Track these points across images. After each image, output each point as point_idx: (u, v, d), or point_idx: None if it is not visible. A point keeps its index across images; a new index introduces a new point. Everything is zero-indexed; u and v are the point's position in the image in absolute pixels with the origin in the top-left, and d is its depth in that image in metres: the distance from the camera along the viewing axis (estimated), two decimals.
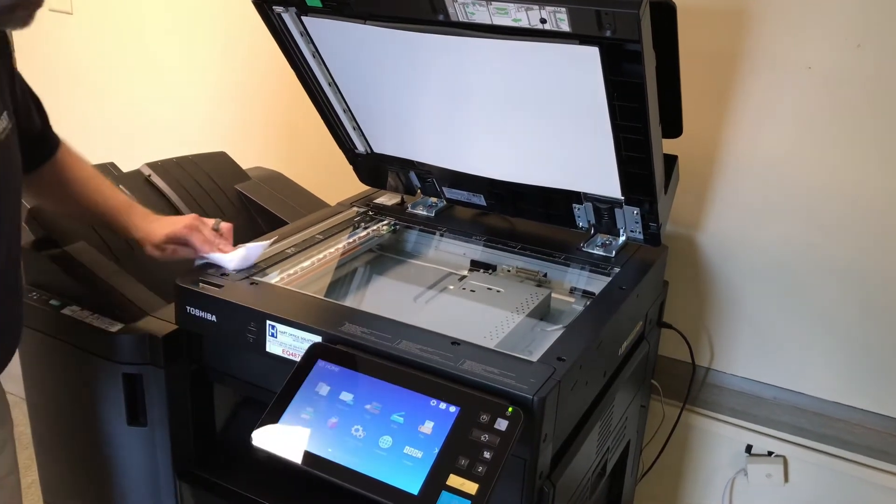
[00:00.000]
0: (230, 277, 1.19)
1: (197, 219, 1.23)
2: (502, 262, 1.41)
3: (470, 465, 0.89)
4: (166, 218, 1.25)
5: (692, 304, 1.60)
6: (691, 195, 1.52)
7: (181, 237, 1.21)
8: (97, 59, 2.36)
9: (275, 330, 1.08)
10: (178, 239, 1.21)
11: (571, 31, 1.03)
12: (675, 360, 1.62)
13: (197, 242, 1.21)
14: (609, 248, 1.36)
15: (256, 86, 2.07)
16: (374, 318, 1.09)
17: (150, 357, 1.18)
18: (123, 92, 2.35)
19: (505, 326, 1.19)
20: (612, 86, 1.09)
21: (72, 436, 1.32)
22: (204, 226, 1.23)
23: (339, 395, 0.98)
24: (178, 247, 1.22)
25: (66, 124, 1.30)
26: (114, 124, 2.37)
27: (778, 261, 1.50)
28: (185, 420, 1.23)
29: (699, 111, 1.42)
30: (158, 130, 2.31)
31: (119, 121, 2.37)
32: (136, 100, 2.33)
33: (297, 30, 1.30)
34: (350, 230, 1.46)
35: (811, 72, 1.37)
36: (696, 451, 1.70)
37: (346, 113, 1.45)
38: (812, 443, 1.56)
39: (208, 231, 1.22)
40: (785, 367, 1.56)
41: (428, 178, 1.52)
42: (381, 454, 0.92)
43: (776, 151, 1.44)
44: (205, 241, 1.21)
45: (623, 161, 1.21)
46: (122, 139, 2.36)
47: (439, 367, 0.98)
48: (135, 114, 2.34)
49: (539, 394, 0.92)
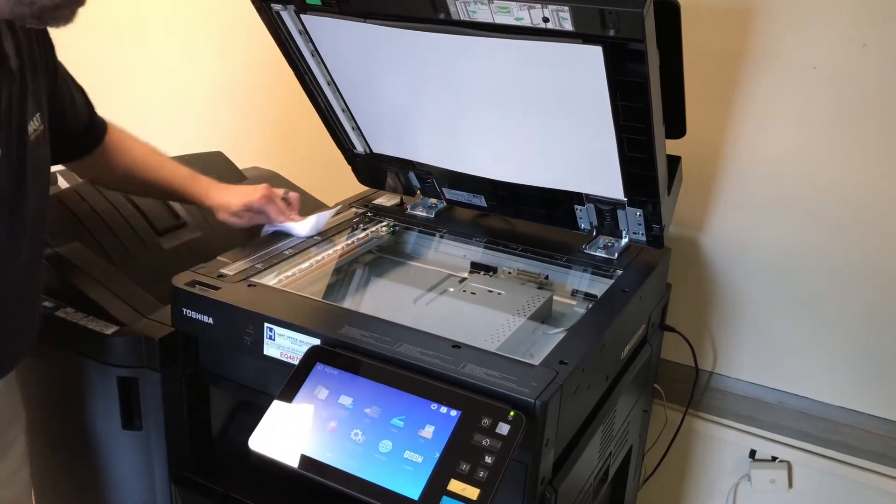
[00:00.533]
0: (228, 279, 1.19)
1: (269, 189, 1.34)
2: (503, 264, 1.41)
3: (471, 469, 0.89)
4: (239, 187, 1.35)
5: (695, 307, 1.60)
6: (695, 196, 1.53)
7: (257, 207, 1.32)
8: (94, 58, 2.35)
9: (273, 332, 1.08)
10: (255, 208, 1.32)
11: (574, 31, 1.04)
12: (678, 363, 1.63)
13: (272, 212, 1.33)
14: (611, 250, 1.36)
15: (254, 85, 2.07)
16: (374, 321, 1.09)
17: (146, 360, 1.18)
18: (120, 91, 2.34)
19: (506, 329, 1.19)
20: (616, 85, 1.09)
21: (65, 440, 1.32)
22: (276, 196, 1.34)
23: (339, 398, 0.98)
24: (254, 214, 1.33)
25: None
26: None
27: (782, 263, 1.50)
28: (180, 424, 1.23)
29: (703, 111, 1.42)
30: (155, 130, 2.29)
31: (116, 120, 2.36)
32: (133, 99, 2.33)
33: (296, 28, 1.31)
34: (349, 231, 1.46)
35: (816, 71, 1.38)
36: (699, 456, 1.71)
37: (344, 112, 1.45)
38: (816, 448, 1.56)
39: (280, 201, 1.34)
40: (789, 371, 1.56)
41: (428, 179, 1.52)
42: (381, 459, 0.92)
43: (781, 152, 1.45)
44: (279, 211, 1.34)
45: (626, 162, 1.21)
46: None
47: (440, 371, 0.98)
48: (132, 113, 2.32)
49: (541, 398, 0.92)
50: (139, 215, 1.45)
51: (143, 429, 1.21)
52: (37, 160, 1.07)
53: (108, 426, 1.23)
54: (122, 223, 1.42)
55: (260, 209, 1.32)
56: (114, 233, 1.40)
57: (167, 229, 1.47)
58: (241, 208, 1.32)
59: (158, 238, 1.45)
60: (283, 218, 1.34)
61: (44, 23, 0.95)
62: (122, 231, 1.41)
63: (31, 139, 1.05)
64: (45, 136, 1.10)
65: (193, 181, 1.34)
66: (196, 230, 1.50)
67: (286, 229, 1.35)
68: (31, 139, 1.05)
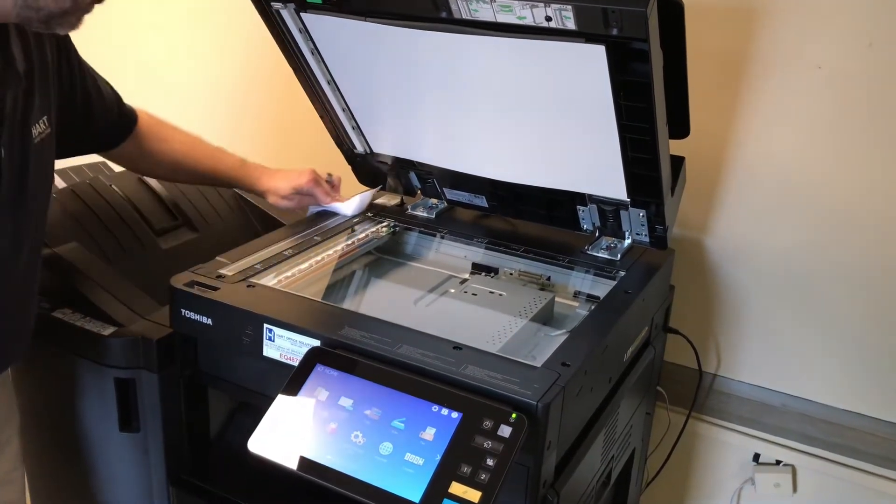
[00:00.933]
0: (227, 279, 1.19)
1: (315, 172, 1.42)
2: (505, 265, 1.41)
3: (472, 472, 0.89)
4: (287, 171, 1.43)
5: (699, 309, 1.60)
6: (699, 197, 1.53)
7: (306, 189, 1.41)
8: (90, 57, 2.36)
9: (272, 333, 1.09)
10: (304, 191, 1.41)
11: (577, 30, 1.04)
12: (682, 366, 1.63)
13: (320, 194, 1.43)
14: (614, 251, 1.36)
15: (253, 84, 2.07)
16: (374, 322, 1.09)
17: (144, 361, 1.18)
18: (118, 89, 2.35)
19: (508, 331, 1.19)
20: (619, 85, 1.10)
21: (62, 442, 1.32)
22: (322, 178, 1.44)
23: (339, 400, 0.98)
24: (303, 197, 1.42)
25: None
26: None
27: (787, 265, 1.50)
28: (178, 426, 1.23)
29: (707, 111, 1.42)
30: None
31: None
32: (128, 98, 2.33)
33: (296, 27, 1.31)
34: (349, 232, 1.46)
35: (821, 71, 1.38)
36: (702, 459, 1.71)
37: (344, 112, 1.45)
38: (822, 451, 1.56)
39: (325, 183, 1.44)
40: (794, 374, 1.56)
41: (428, 179, 1.52)
42: (382, 461, 0.92)
43: (785, 152, 1.45)
44: (326, 192, 1.44)
45: (629, 162, 1.21)
46: None
47: (441, 372, 0.98)
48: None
49: (543, 400, 0.92)
50: (137, 215, 1.46)
51: (141, 431, 1.22)
52: (40, 163, 1.08)
53: (106, 428, 1.23)
54: (120, 223, 1.43)
55: (308, 191, 1.42)
56: (111, 233, 1.40)
57: (165, 229, 1.48)
58: (291, 191, 1.40)
59: (156, 238, 1.45)
60: (330, 199, 1.45)
61: (50, 28, 0.95)
62: (119, 231, 1.42)
63: (35, 142, 1.05)
64: (51, 139, 1.10)
65: (244, 168, 1.42)
66: (194, 230, 1.51)
67: (333, 209, 1.46)
68: (36, 142, 1.05)
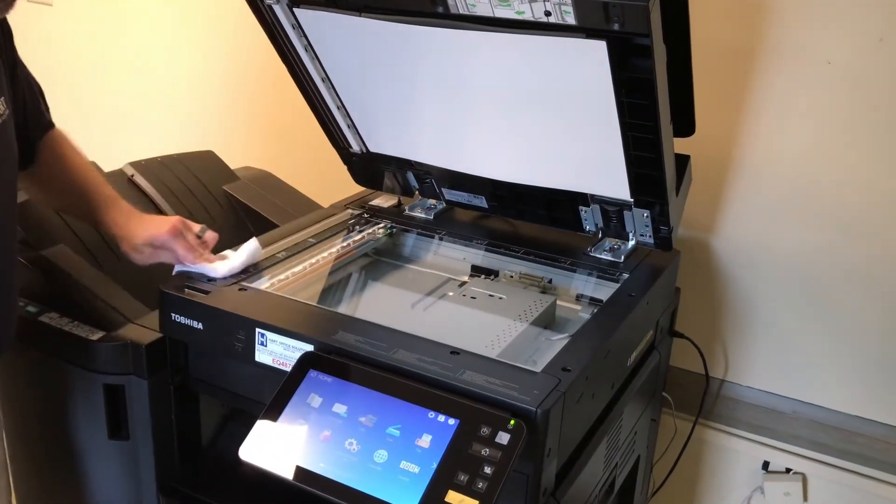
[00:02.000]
0: (218, 283, 1.19)
1: (182, 222, 1.21)
2: (505, 268, 1.42)
3: (470, 480, 0.89)
4: (151, 218, 1.24)
5: (706, 313, 1.61)
6: (704, 197, 1.53)
7: (163, 242, 1.19)
8: (77, 52, 2.37)
9: (264, 338, 1.09)
10: (157, 243, 1.19)
11: (577, 24, 1.04)
12: (688, 371, 1.63)
13: (180, 250, 1.19)
14: (617, 252, 1.37)
15: (246, 81, 2.08)
16: (370, 326, 1.10)
17: (133, 367, 1.18)
18: (105, 88, 2.36)
19: (507, 335, 1.19)
20: (621, 82, 1.10)
21: (49, 450, 1.33)
22: (188, 231, 1.21)
23: (332, 406, 0.98)
24: (157, 250, 1.20)
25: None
26: (94, 122, 2.38)
27: (797, 266, 1.51)
28: (169, 433, 1.23)
29: (713, 108, 1.43)
30: (142, 128, 2.32)
31: (100, 118, 2.38)
32: (118, 96, 2.34)
33: (289, 22, 1.31)
34: (344, 233, 1.47)
35: (830, 67, 1.38)
36: (709, 467, 1.71)
37: (340, 110, 1.46)
38: (833, 459, 1.56)
39: (192, 237, 1.21)
40: (804, 379, 1.56)
41: (426, 179, 1.53)
42: (376, 469, 0.93)
43: (794, 150, 1.45)
44: (188, 248, 1.20)
45: (632, 161, 1.21)
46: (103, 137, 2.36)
47: (438, 378, 0.98)
48: (117, 111, 2.35)
49: (543, 406, 0.93)
50: None
51: (130, 438, 1.22)
52: (3, 145, 1.05)
53: (94, 435, 1.24)
54: None
55: (163, 244, 1.18)
56: (100, 235, 1.40)
57: None
58: (143, 241, 1.19)
59: None
60: (192, 257, 1.19)
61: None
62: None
63: None
64: (10, 120, 1.06)
65: (110, 206, 1.21)
66: None
67: (198, 270, 1.20)
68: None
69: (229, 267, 1.21)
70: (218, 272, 1.20)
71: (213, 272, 1.20)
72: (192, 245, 1.20)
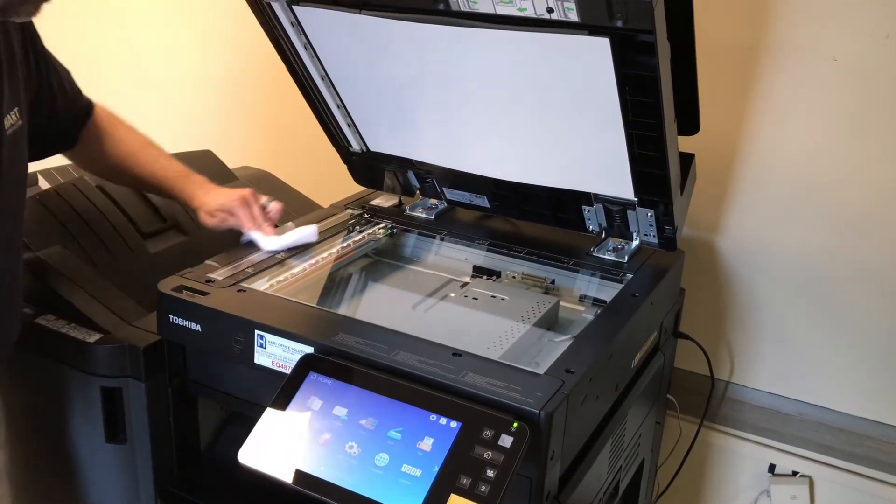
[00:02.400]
0: (217, 284, 1.19)
1: (252, 193, 1.34)
2: (507, 268, 1.42)
3: (472, 484, 0.89)
4: (225, 188, 1.36)
5: (711, 313, 1.61)
6: (710, 196, 1.53)
7: (231, 209, 1.31)
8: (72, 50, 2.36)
9: (264, 340, 1.09)
10: (228, 209, 1.32)
11: (580, 21, 1.04)
12: (693, 373, 1.63)
13: (243, 217, 1.32)
14: (621, 252, 1.37)
15: (244, 80, 2.08)
16: (370, 328, 1.10)
17: (130, 369, 1.18)
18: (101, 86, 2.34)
19: (510, 337, 1.19)
20: (624, 79, 1.10)
21: (46, 453, 1.33)
22: (256, 202, 1.33)
23: (333, 409, 0.98)
24: (228, 217, 1.32)
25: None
26: None
27: (803, 266, 1.50)
28: (167, 437, 1.23)
29: (717, 106, 1.42)
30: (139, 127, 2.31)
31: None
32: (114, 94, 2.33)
33: (288, 20, 1.31)
34: (344, 234, 1.47)
35: (836, 64, 1.38)
36: (715, 470, 1.71)
37: (340, 109, 1.45)
38: (840, 462, 1.56)
39: (257, 208, 1.33)
40: (810, 381, 1.56)
41: (427, 179, 1.53)
42: (377, 472, 0.92)
43: (800, 148, 1.45)
44: (250, 217, 1.32)
45: (636, 160, 1.21)
46: None
47: (439, 380, 0.98)
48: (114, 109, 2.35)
49: (546, 408, 0.92)
50: (123, 218, 1.46)
51: (128, 442, 1.22)
52: (13, 156, 1.08)
53: (91, 439, 1.24)
54: (106, 226, 1.43)
55: (232, 211, 1.31)
56: (97, 236, 1.40)
57: (153, 232, 1.48)
58: (217, 208, 1.32)
59: (144, 241, 1.45)
60: (251, 225, 1.32)
61: (7, 15, 0.96)
62: (105, 234, 1.42)
63: (7, 134, 1.05)
64: (23, 131, 1.10)
65: (185, 180, 1.35)
66: (183, 233, 1.51)
67: (252, 238, 1.32)
68: (8, 134, 1.06)
69: (279, 244, 1.33)
70: (267, 246, 1.32)
71: (266, 243, 1.32)
72: (253, 215, 1.32)
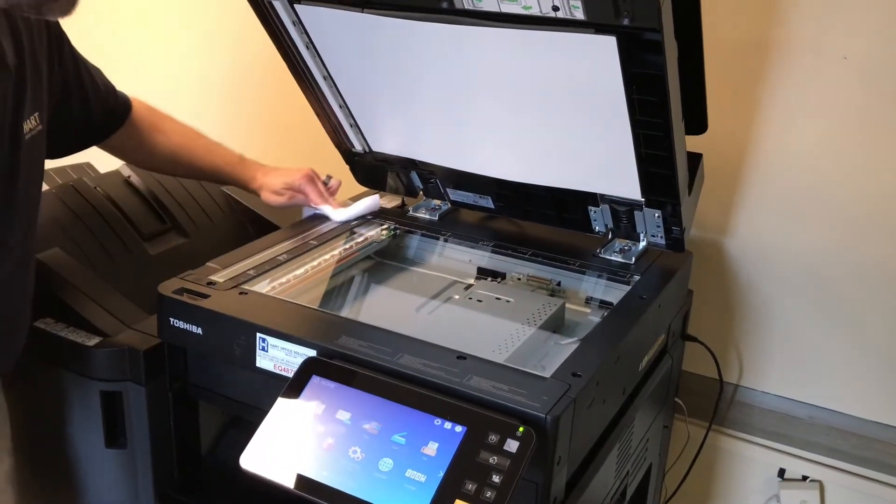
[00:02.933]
0: (218, 286, 1.19)
1: (312, 171, 1.45)
2: (512, 270, 1.42)
3: (478, 489, 0.89)
4: (283, 168, 1.46)
5: (719, 315, 1.60)
6: (718, 196, 1.53)
7: (298, 186, 1.43)
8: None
9: (266, 343, 1.09)
10: (295, 187, 1.43)
11: (586, 20, 1.04)
12: (701, 376, 1.63)
13: (311, 193, 1.44)
14: (628, 254, 1.36)
15: (245, 79, 2.08)
16: (373, 331, 1.10)
17: (130, 373, 1.19)
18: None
19: (515, 339, 1.19)
20: (631, 78, 1.10)
21: (45, 458, 1.33)
22: (318, 178, 1.46)
23: (336, 413, 0.98)
24: (294, 193, 1.44)
25: None
26: None
27: (813, 268, 1.50)
28: (167, 441, 1.23)
29: (726, 105, 1.43)
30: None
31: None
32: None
33: (290, 19, 1.31)
34: (346, 235, 1.47)
35: (847, 62, 1.38)
36: (723, 475, 1.70)
37: (342, 109, 1.46)
38: (851, 466, 1.56)
39: (321, 184, 1.45)
40: (821, 384, 1.56)
41: (431, 179, 1.53)
42: (381, 478, 0.92)
43: (810, 148, 1.45)
44: (319, 193, 1.45)
45: (643, 159, 1.21)
46: None
47: (444, 384, 0.98)
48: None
49: (553, 412, 0.92)
50: (123, 219, 1.46)
51: (128, 446, 1.22)
52: (30, 162, 1.09)
53: (91, 443, 1.24)
54: (105, 228, 1.43)
55: (300, 188, 1.43)
56: (96, 238, 1.40)
57: (153, 234, 1.48)
58: (283, 187, 1.43)
59: (144, 243, 1.46)
60: (321, 200, 1.45)
61: (41, 14, 0.96)
62: (105, 236, 1.42)
63: (26, 139, 1.06)
64: (41, 136, 1.11)
65: (242, 164, 1.46)
66: (184, 235, 1.51)
67: (323, 211, 1.46)
68: (27, 139, 1.06)
69: (350, 213, 1.47)
70: (338, 217, 1.46)
71: (336, 215, 1.46)
72: (321, 191, 1.45)
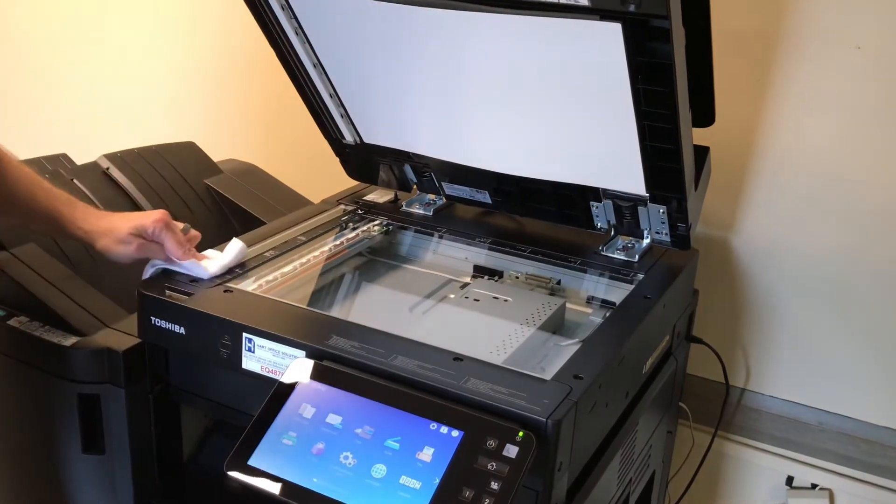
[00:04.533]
0: (201, 284, 1.19)
1: (167, 215, 1.21)
2: (510, 268, 1.42)
3: (475, 497, 0.89)
4: (124, 213, 1.24)
5: (725, 316, 1.61)
6: (725, 192, 1.53)
7: (152, 233, 1.18)
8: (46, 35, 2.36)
9: (252, 344, 1.09)
10: (149, 234, 1.18)
11: (590, 5, 1.04)
12: (707, 379, 1.63)
13: (169, 243, 1.19)
14: (631, 251, 1.37)
15: (230, 67, 2.08)
16: (366, 331, 1.10)
17: (109, 375, 1.18)
18: (77, 73, 2.35)
19: (514, 340, 1.19)
20: (637, 67, 1.10)
21: (19, 464, 1.32)
22: (176, 225, 1.21)
23: (326, 417, 0.98)
24: (145, 243, 1.19)
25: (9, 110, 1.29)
26: (66, 110, 2.37)
27: (823, 267, 1.51)
28: (147, 446, 1.23)
29: (734, 96, 1.43)
30: (118, 117, 2.32)
31: (73, 107, 2.38)
32: (92, 82, 2.34)
33: (278, 3, 1.31)
34: (337, 231, 1.47)
35: (860, 52, 1.38)
36: (729, 482, 1.71)
37: (332, 98, 1.45)
38: (861, 474, 1.57)
39: (180, 233, 1.21)
40: (830, 388, 1.57)
41: (425, 173, 1.53)
42: (374, 485, 0.92)
43: (820, 142, 1.45)
44: (178, 242, 1.20)
45: (648, 153, 1.21)
46: (76, 127, 2.36)
47: (440, 386, 0.98)
48: (92, 98, 2.35)
49: (553, 416, 0.92)
50: None
51: (106, 452, 1.22)
52: None
53: (67, 448, 1.23)
54: None
55: (152, 236, 1.19)
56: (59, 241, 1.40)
57: None
58: (131, 231, 1.18)
59: None
60: (181, 252, 1.20)
61: None
62: None
63: None
64: None
65: (73, 205, 1.20)
66: None
67: (185, 269, 1.20)
68: None
69: (220, 265, 1.22)
70: (208, 271, 1.21)
71: (202, 271, 1.20)
72: (181, 240, 1.20)
